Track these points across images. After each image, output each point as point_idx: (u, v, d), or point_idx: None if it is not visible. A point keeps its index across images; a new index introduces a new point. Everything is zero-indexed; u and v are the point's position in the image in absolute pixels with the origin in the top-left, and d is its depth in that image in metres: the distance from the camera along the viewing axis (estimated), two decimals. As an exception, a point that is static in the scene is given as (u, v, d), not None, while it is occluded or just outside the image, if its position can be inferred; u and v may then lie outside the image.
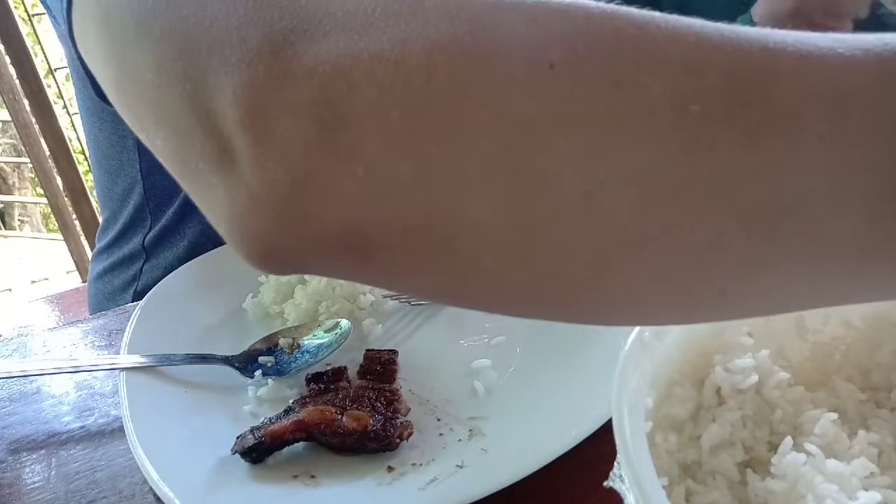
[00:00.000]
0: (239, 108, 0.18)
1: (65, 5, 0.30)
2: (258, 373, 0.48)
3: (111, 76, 0.23)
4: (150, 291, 0.56)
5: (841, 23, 0.76)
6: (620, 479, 0.25)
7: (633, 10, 0.17)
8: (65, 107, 2.35)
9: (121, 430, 0.43)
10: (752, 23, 0.79)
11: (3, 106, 2.08)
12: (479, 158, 0.17)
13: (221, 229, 0.20)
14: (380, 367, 0.47)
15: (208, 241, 0.72)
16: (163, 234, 0.75)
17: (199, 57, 0.19)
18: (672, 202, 0.17)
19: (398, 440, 0.41)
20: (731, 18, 0.83)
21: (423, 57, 0.17)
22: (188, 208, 0.73)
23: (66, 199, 2.16)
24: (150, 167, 0.72)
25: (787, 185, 0.16)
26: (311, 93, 0.17)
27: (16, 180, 4.10)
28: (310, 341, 0.51)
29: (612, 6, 0.17)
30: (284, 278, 0.57)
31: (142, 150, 0.71)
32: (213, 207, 0.20)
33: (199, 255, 0.62)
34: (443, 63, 0.17)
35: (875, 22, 0.88)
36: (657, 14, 0.17)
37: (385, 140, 0.17)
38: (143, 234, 0.75)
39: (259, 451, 0.41)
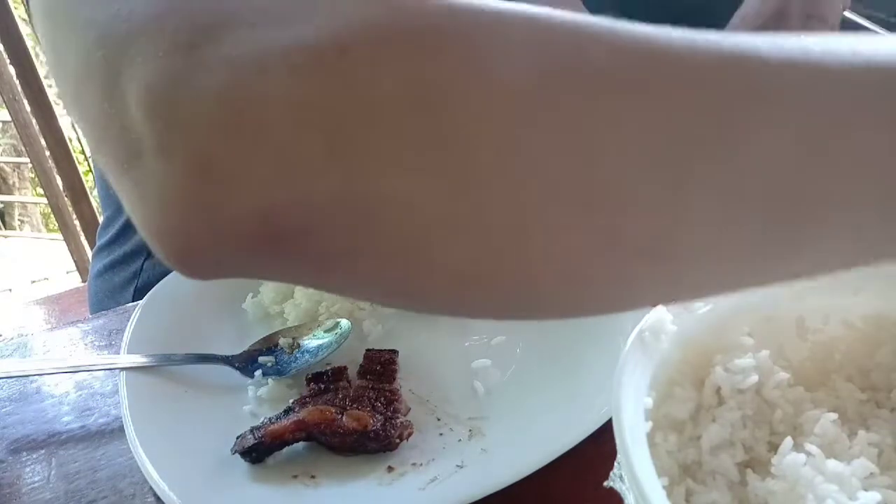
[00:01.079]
0: (149, 97, 0.17)
1: None
2: (258, 373, 0.48)
3: (49, 64, 0.22)
4: (151, 291, 0.56)
5: (822, 24, 0.76)
6: (620, 479, 0.25)
7: (603, 20, 0.17)
8: (65, 107, 2.34)
9: (121, 430, 0.43)
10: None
11: (3, 106, 2.08)
12: (393, 129, 0.16)
13: (138, 227, 0.19)
14: (380, 367, 0.47)
15: None
16: None
17: (117, 46, 0.18)
18: (638, 200, 0.17)
19: (398, 440, 0.41)
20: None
21: (337, 37, 0.16)
22: None
23: (66, 199, 2.16)
24: None
25: (760, 168, 0.17)
26: (222, 79, 0.17)
27: (16, 180, 4.10)
28: (310, 341, 0.51)
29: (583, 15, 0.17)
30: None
31: None
32: (129, 206, 0.19)
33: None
34: (355, 40, 0.16)
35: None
36: (624, 23, 0.17)
37: (296, 118, 0.16)
38: None
39: (259, 451, 0.41)
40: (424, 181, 0.16)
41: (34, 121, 2.00)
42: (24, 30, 1.88)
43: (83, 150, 2.37)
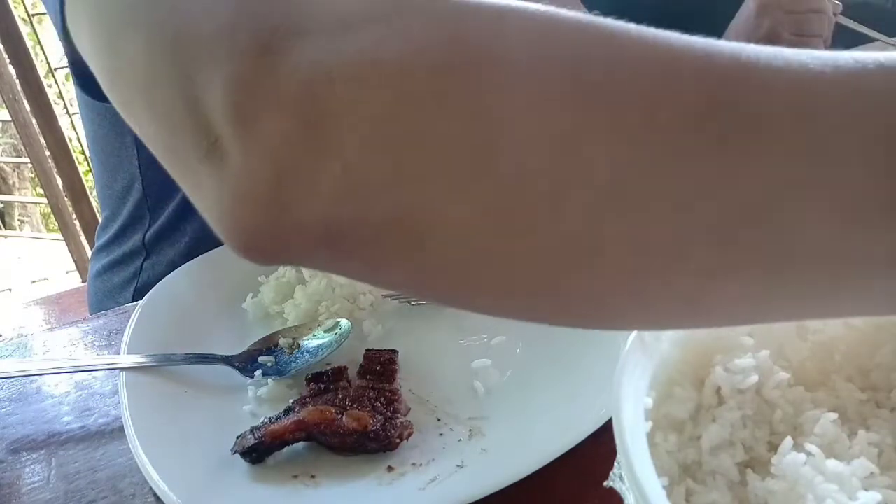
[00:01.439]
0: (227, 102, 0.18)
1: (58, 3, 0.31)
2: (258, 373, 0.48)
3: (105, 69, 0.23)
4: (150, 291, 0.56)
5: (813, 43, 0.76)
6: (620, 479, 0.25)
7: (605, 20, 0.18)
8: (65, 107, 2.35)
9: (121, 430, 0.43)
10: None
11: (3, 106, 2.08)
12: (451, 160, 0.17)
13: (211, 220, 0.21)
14: (380, 367, 0.47)
15: (209, 237, 0.72)
16: (163, 231, 0.75)
17: (189, 50, 0.19)
18: (636, 209, 0.17)
19: (398, 440, 0.41)
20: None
21: (401, 58, 0.17)
22: (188, 205, 0.72)
23: (66, 199, 2.16)
24: (148, 164, 0.72)
25: (750, 194, 0.16)
26: (295, 90, 0.18)
27: (16, 180, 4.10)
28: (310, 341, 0.51)
29: (585, 15, 0.18)
30: (284, 278, 0.57)
31: (140, 147, 0.71)
32: (203, 199, 0.21)
33: (200, 252, 0.62)
34: (420, 65, 0.17)
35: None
36: (630, 24, 0.17)
37: (362, 139, 0.17)
38: (142, 231, 0.75)
39: (259, 451, 0.41)
40: (475, 211, 0.18)
41: (34, 121, 2.00)
42: (24, 30, 1.88)
43: (83, 150, 2.37)
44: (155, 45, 0.20)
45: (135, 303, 0.56)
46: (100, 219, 0.83)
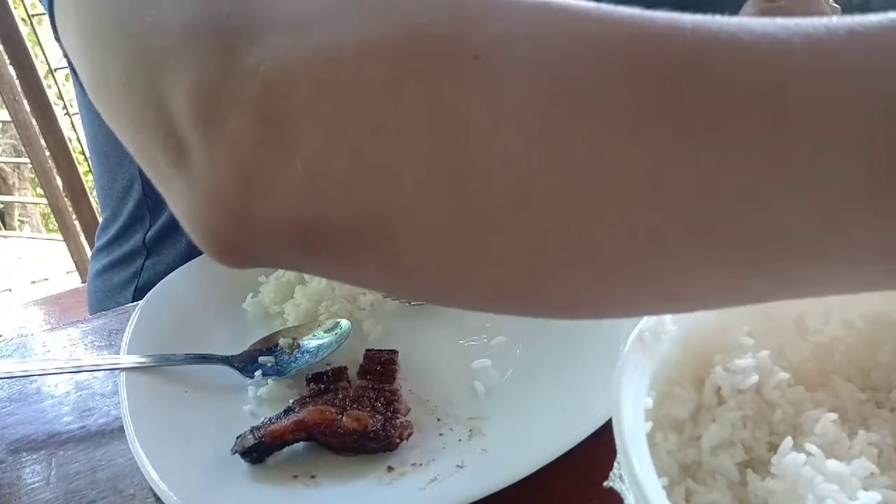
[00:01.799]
0: (191, 105, 0.18)
1: (47, 4, 0.31)
2: (258, 373, 0.48)
3: (87, 74, 0.23)
4: (150, 291, 0.56)
5: None
6: (620, 479, 0.25)
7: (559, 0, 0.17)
8: (65, 107, 2.35)
9: (121, 430, 0.43)
10: None
11: (3, 106, 2.08)
12: (412, 153, 0.17)
13: (184, 225, 0.21)
14: (380, 367, 0.47)
15: None
16: (164, 232, 0.75)
17: (155, 56, 0.19)
18: (607, 204, 0.16)
19: (398, 440, 0.41)
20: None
21: (356, 53, 0.17)
22: None
23: (66, 199, 2.16)
24: None
25: (724, 184, 0.15)
26: (255, 90, 0.18)
27: (16, 180, 4.10)
28: (310, 341, 0.51)
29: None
30: (284, 278, 0.57)
31: None
32: (175, 203, 0.21)
33: (199, 252, 0.62)
34: (373, 59, 0.17)
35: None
36: (590, 4, 0.17)
37: (322, 136, 0.17)
38: (143, 231, 0.76)
39: (259, 451, 0.41)
40: (441, 206, 0.17)
41: (34, 121, 2.00)
42: (24, 30, 1.88)
43: (83, 150, 2.38)
44: (126, 50, 0.20)
45: (135, 303, 0.56)
46: (100, 219, 0.83)
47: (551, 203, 0.17)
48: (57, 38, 0.31)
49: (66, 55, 0.28)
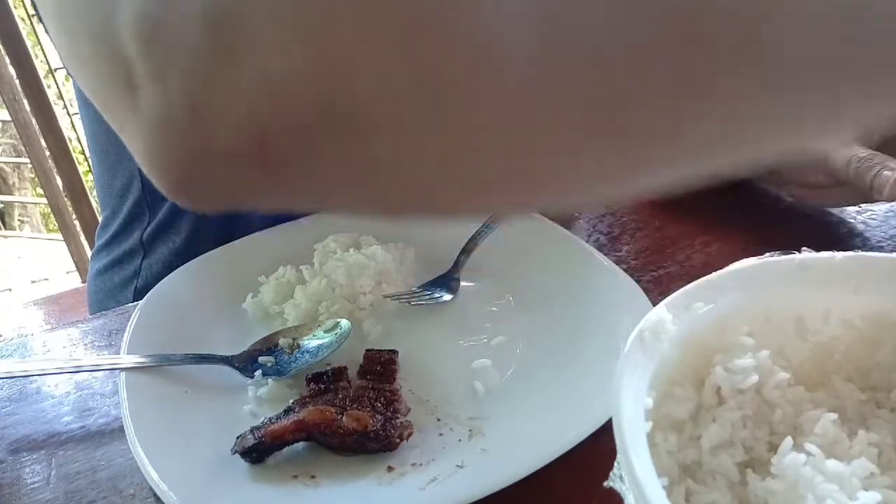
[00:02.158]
0: (138, 30, 0.18)
1: None
2: (258, 373, 0.48)
3: (62, 43, 0.22)
4: (150, 291, 0.56)
5: None
6: (620, 479, 0.25)
7: None
8: (65, 107, 2.35)
9: (121, 430, 0.43)
10: None
11: (3, 106, 2.08)
12: (370, 41, 0.16)
13: (142, 165, 0.20)
14: (380, 367, 0.47)
15: (202, 235, 0.73)
16: (159, 230, 0.75)
17: None
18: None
19: (398, 440, 0.41)
20: None
21: None
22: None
23: (66, 199, 2.16)
24: None
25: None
26: (203, 4, 0.17)
27: (16, 180, 4.10)
28: (310, 341, 0.51)
29: None
30: (284, 278, 0.57)
31: None
32: (130, 141, 0.20)
33: (193, 250, 0.62)
34: None
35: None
36: None
37: (275, 32, 0.16)
38: (141, 229, 0.76)
39: (259, 451, 0.41)
40: (402, 79, 0.16)
41: (34, 121, 2.00)
42: (24, 30, 1.88)
43: (83, 150, 2.38)
44: (87, 3, 0.19)
45: (135, 303, 0.56)
46: (100, 219, 0.83)
47: (513, 50, 0.15)
48: (41, 21, 0.31)
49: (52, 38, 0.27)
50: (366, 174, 0.18)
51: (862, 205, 0.63)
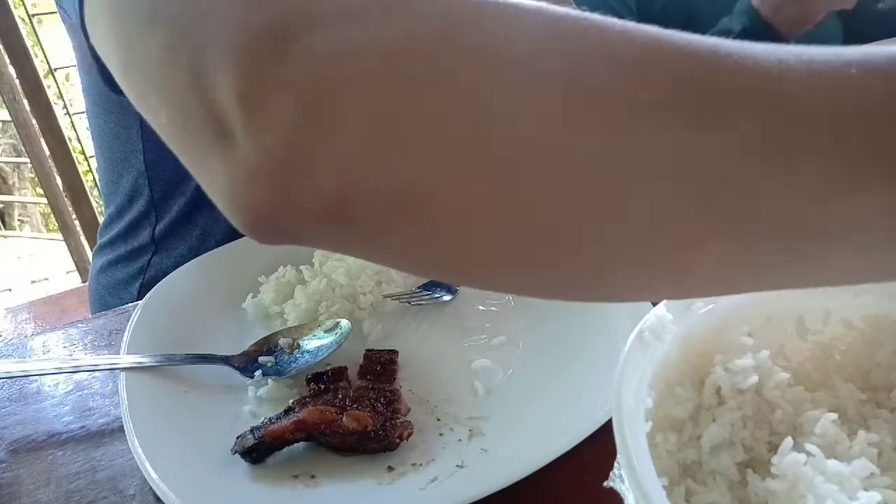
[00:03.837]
0: (237, 85, 0.19)
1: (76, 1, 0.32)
2: (258, 373, 0.48)
3: (119, 59, 0.24)
4: (151, 291, 0.56)
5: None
6: (620, 479, 0.25)
7: (596, 16, 0.19)
8: (65, 107, 2.34)
9: (121, 430, 0.43)
10: (750, 6, 0.81)
11: (3, 106, 2.08)
12: (446, 136, 0.19)
13: (221, 202, 0.22)
14: (380, 367, 0.47)
15: (218, 231, 0.73)
16: (174, 226, 0.75)
17: (203, 38, 0.20)
18: (620, 180, 0.18)
19: (398, 440, 0.41)
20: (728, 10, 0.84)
21: (404, 41, 0.19)
22: (198, 200, 0.74)
23: (66, 199, 2.16)
24: (154, 159, 0.72)
25: (722, 166, 0.18)
26: (302, 73, 0.19)
27: (16, 180, 4.10)
28: (310, 341, 0.51)
29: (579, 12, 0.19)
30: (284, 278, 0.57)
31: (146, 142, 0.72)
32: (212, 182, 0.22)
33: (209, 246, 0.63)
34: (420, 48, 0.19)
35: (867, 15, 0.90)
36: (615, 20, 0.19)
37: (363, 116, 0.19)
38: (150, 226, 0.76)
39: (259, 451, 0.41)
40: (470, 185, 0.19)
41: (34, 121, 2.00)
42: (24, 30, 1.88)
43: (83, 150, 2.38)
44: (171, 34, 0.21)
45: (135, 303, 0.56)
46: (100, 218, 0.83)
47: (574, 186, 0.18)
48: (82, 25, 0.32)
49: (90, 46, 0.29)
50: (430, 250, 0.21)
51: None
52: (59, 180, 2.15)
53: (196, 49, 0.20)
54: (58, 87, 2.36)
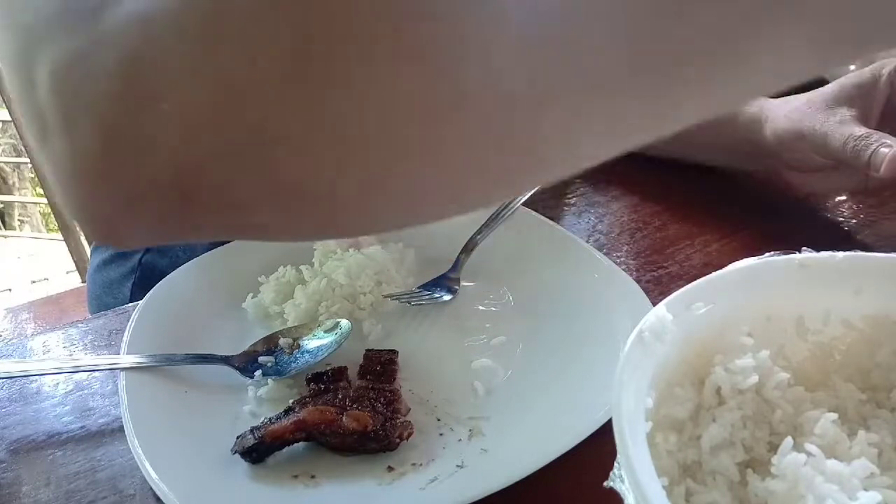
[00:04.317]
0: (52, 77, 0.18)
1: None
2: (258, 373, 0.48)
3: None
4: (151, 291, 0.56)
5: None
6: (620, 479, 0.25)
7: None
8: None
9: (121, 430, 0.43)
10: None
11: (3, 106, 2.08)
12: (273, 68, 0.16)
13: (63, 209, 0.20)
14: (380, 367, 0.47)
15: None
16: None
17: (28, 35, 0.19)
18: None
19: (398, 440, 0.41)
20: None
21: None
22: None
23: (66, 199, 2.16)
24: None
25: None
26: (115, 51, 0.17)
27: (16, 180, 4.10)
28: (310, 341, 0.51)
29: None
30: (284, 278, 0.57)
31: None
32: (53, 185, 0.20)
33: (204, 244, 0.62)
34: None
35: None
36: None
37: (185, 73, 0.17)
38: None
39: (259, 451, 0.41)
40: (309, 112, 0.16)
41: (34, 121, 2.00)
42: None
43: (83, 150, 2.38)
44: (6, 35, 0.20)
45: (135, 303, 0.56)
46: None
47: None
48: None
49: None
50: (282, 202, 0.19)
51: (859, 194, 0.63)
52: (59, 180, 2.15)
53: (24, 45, 0.19)
54: (58, 87, 2.36)
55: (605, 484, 0.26)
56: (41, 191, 2.34)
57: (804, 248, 0.36)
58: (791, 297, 0.33)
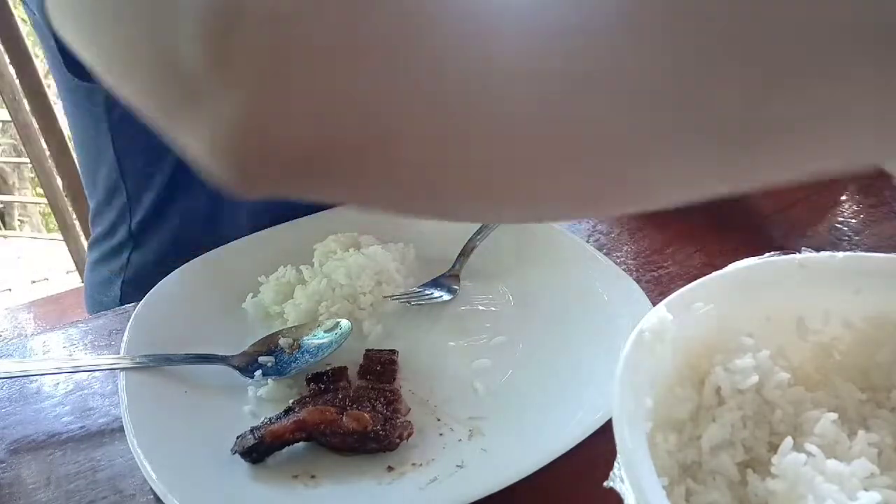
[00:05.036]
0: (201, 48, 0.20)
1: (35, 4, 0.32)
2: (258, 373, 0.48)
3: (92, 50, 0.25)
4: (150, 291, 0.56)
5: None
6: (620, 479, 0.25)
7: None
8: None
9: (121, 430, 0.43)
10: None
11: (3, 106, 2.08)
12: (405, 78, 0.19)
13: (201, 164, 0.22)
14: (380, 367, 0.47)
15: (194, 224, 0.72)
16: (149, 219, 0.74)
17: (162, 12, 0.20)
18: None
19: (398, 440, 0.41)
20: None
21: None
22: (171, 191, 0.72)
23: (65, 199, 2.16)
24: (123, 150, 0.71)
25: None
26: (266, 28, 0.19)
27: (16, 180, 4.10)
28: (310, 341, 0.51)
29: None
30: (284, 278, 0.57)
31: (114, 134, 0.70)
32: (190, 146, 0.22)
33: (186, 238, 0.62)
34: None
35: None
36: None
37: (333, 64, 0.19)
38: (127, 222, 0.75)
39: (259, 451, 0.41)
40: (434, 119, 0.19)
41: (34, 121, 2.00)
42: (24, 30, 1.87)
43: (83, 150, 2.38)
44: (132, 14, 0.22)
45: (134, 303, 0.56)
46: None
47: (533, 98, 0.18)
48: (49, 29, 0.32)
49: (59, 48, 0.29)
50: (398, 187, 0.22)
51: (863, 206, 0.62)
52: (58, 180, 2.15)
53: (160, 18, 0.21)
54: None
55: (605, 484, 0.26)
56: (41, 191, 2.34)
57: (804, 248, 0.35)
58: (791, 297, 0.33)
